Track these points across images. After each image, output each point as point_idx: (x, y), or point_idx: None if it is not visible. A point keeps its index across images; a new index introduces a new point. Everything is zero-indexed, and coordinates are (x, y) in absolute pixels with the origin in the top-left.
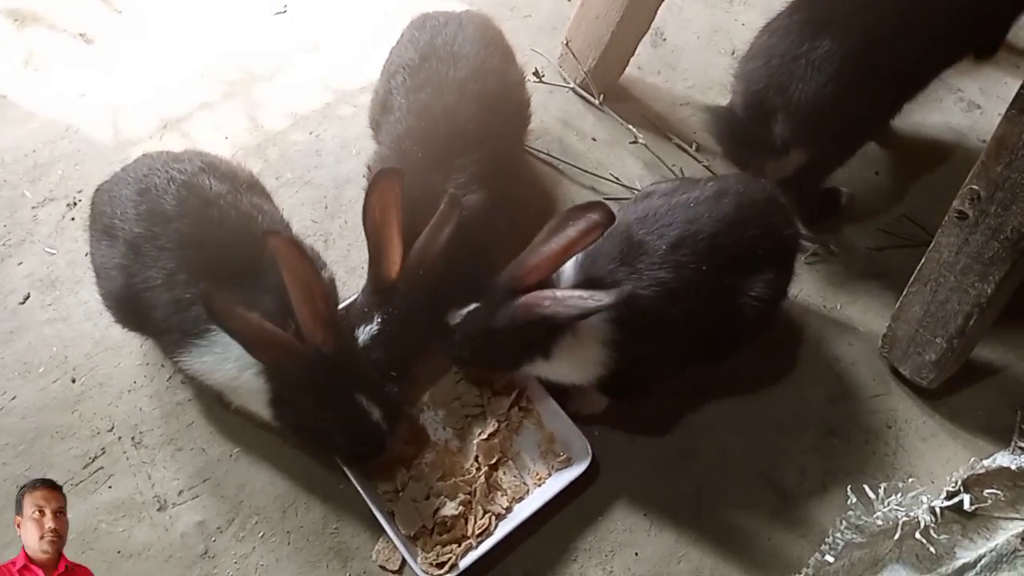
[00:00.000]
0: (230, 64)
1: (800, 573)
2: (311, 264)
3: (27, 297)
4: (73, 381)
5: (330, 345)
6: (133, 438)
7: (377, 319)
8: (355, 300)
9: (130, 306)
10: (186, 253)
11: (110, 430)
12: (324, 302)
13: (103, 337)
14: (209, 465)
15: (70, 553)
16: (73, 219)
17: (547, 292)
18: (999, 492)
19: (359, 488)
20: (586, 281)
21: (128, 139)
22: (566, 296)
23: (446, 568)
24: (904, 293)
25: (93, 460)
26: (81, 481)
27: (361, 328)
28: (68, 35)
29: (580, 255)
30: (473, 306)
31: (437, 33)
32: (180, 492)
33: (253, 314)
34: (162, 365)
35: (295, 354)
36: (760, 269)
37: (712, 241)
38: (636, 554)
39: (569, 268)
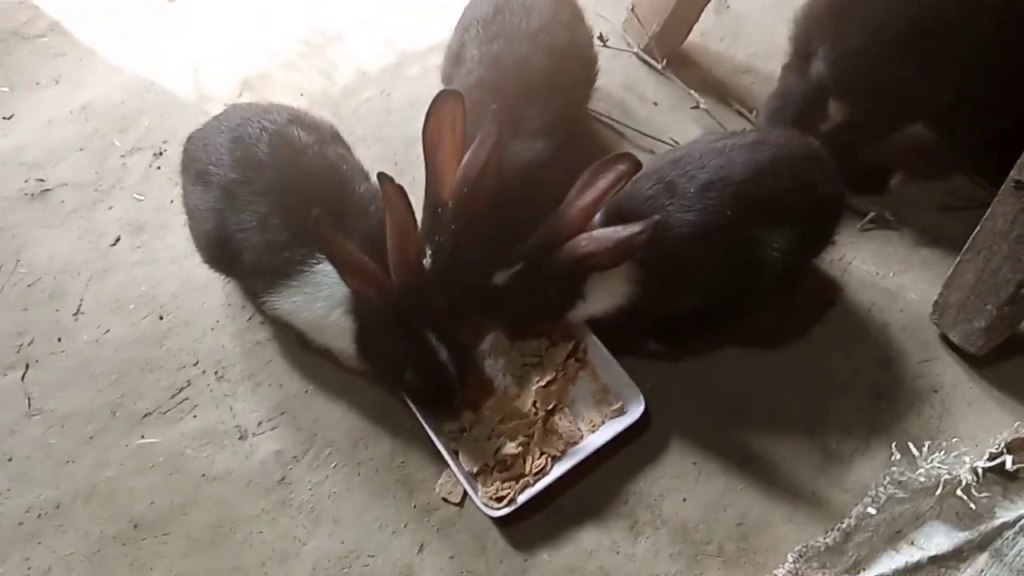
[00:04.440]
0: (304, 25)
1: (843, 523)
2: (412, 212)
3: (118, 239)
4: (161, 318)
5: (413, 287)
6: (216, 372)
7: (429, 249)
8: None
9: (221, 247)
10: (278, 198)
11: (195, 364)
12: (416, 249)
13: (188, 278)
14: (286, 400)
15: (159, 475)
16: (159, 168)
17: (583, 235)
18: None
19: (425, 426)
20: (617, 220)
21: (209, 95)
22: (600, 234)
23: (505, 502)
24: (957, 261)
25: (179, 391)
26: (169, 410)
27: (426, 254)
28: None
29: (615, 200)
30: (520, 265)
31: None
32: (259, 423)
33: (353, 244)
34: (243, 306)
35: (382, 288)
36: (789, 222)
37: (741, 187)
38: (684, 499)
39: (598, 216)
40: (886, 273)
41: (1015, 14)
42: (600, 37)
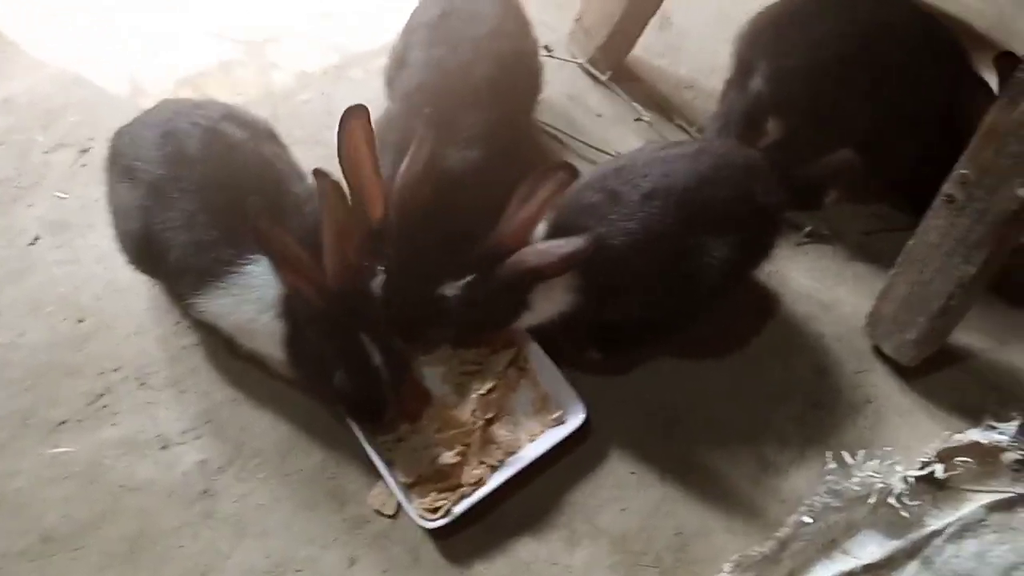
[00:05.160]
0: (244, 24)
1: (779, 532)
2: (351, 210)
3: (37, 238)
4: (81, 321)
5: (350, 288)
6: (138, 378)
7: (380, 268)
8: None
9: (147, 247)
10: (207, 196)
11: (116, 370)
12: (355, 249)
13: (112, 280)
14: (212, 407)
15: (73, 486)
16: (85, 165)
17: (528, 248)
18: (970, 461)
19: (359, 435)
20: (562, 229)
21: (142, 91)
22: (545, 247)
23: (440, 513)
24: (892, 274)
25: (98, 398)
26: (86, 418)
27: (372, 280)
28: None
29: (556, 208)
30: (471, 277)
31: None
32: (183, 432)
33: (291, 237)
34: (169, 310)
35: (319, 286)
36: (729, 231)
37: (683, 196)
38: (623, 509)
39: (543, 224)
40: (821, 286)
41: (931, 50)
42: (546, 48)
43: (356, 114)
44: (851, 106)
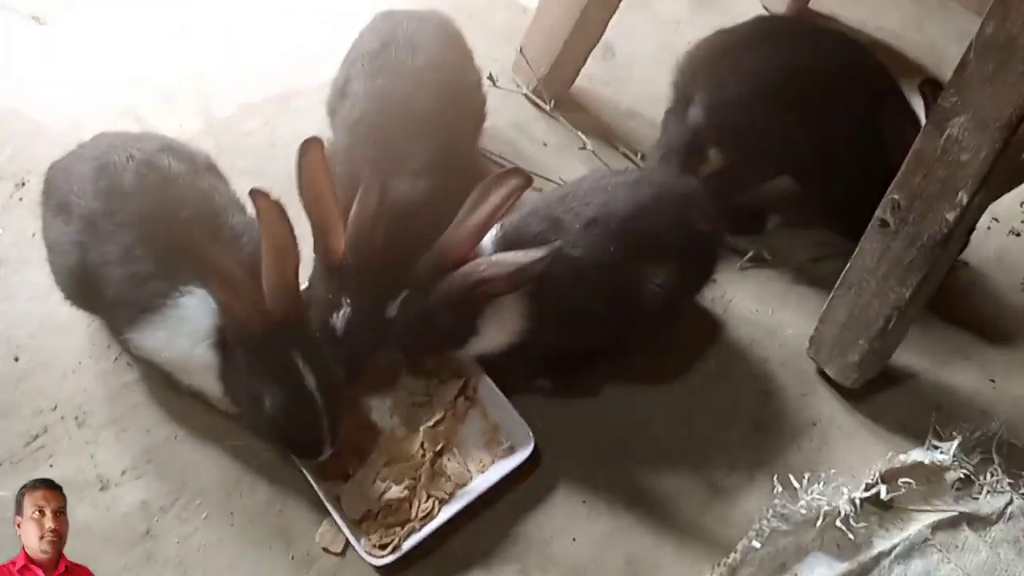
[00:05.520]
0: (186, 55)
1: (728, 558)
2: (292, 231)
3: None
4: (16, 359)
5: (288, 313)
6: (76, 418)
7: (346, 301)
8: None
9: (83, 282)
10: (143, 229)
11: (53, 409)
12: (295, 272)
13: (49, 317)
14: (153, 446)
15: (7, 530)
16: (21, 199)
17: (482, 258)
18: (912, 482)
19: (305, 472)
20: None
21: (80, 124)
22: (502, 258)
23: (389, 549)
24: (830, 297)
25: (35, 439)
26: (21, 459)
27: (335, 315)
28: (20, 16)
29: (500, 230)
30: (405, 292)
31: (399, 24)
32: (123, 472)
33: (229, 257)
34: (108, 346)
35: (256, 308)
36: (669, 258)
37: (624, 224)
38: (574, 539)
39: (489, 244)
40: (765, 310)
41: (861, 80)
42: (490, 77)
43: (312, 147)
44: (787, 135)
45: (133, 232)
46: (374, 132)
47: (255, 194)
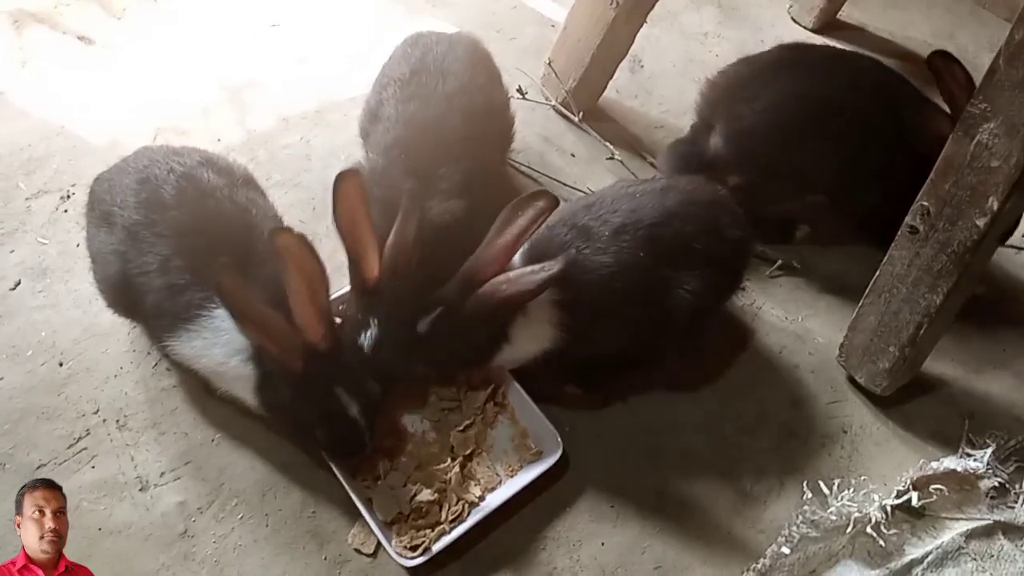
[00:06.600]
0: (224, 71)
1: (758, 563)
2: (320, 263)
3: (18, 283)
4: (60, 365)
5: (324, 343)
6: (118, 421)
7: (374, 322)
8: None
9: (124, 291)
10: (182, 241)
11: (95, 412)
12: (327, 299)
13: (92, 324)
14: (191, 449)
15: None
16: (66, 211)
17: (501, 277)
18: (944, 488)
19: (338, 474)
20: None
21: (122, 140)
22: (519, 275)
23: (419, 551)
24: (860, 304)
25: (77, 441)
26: (65, 461)
27: (363, 335)
28: (68, 37)
29: (529, 243)
30: (439, 310)
31: (428, 50)
32: (162, 474)
33: (256, 295)
34: (148, 352)
35: (287, 345)
36: (697, 265)
37: (651, 231)
38: (602, 544)
39: (518, 259)
40: (795, 318)
41: (881, 96)
42: (519, 90)
43: (350, 177)
44: (806, 164)
45: (171, 243)
46: (408, 156)
47: (275, 234)
